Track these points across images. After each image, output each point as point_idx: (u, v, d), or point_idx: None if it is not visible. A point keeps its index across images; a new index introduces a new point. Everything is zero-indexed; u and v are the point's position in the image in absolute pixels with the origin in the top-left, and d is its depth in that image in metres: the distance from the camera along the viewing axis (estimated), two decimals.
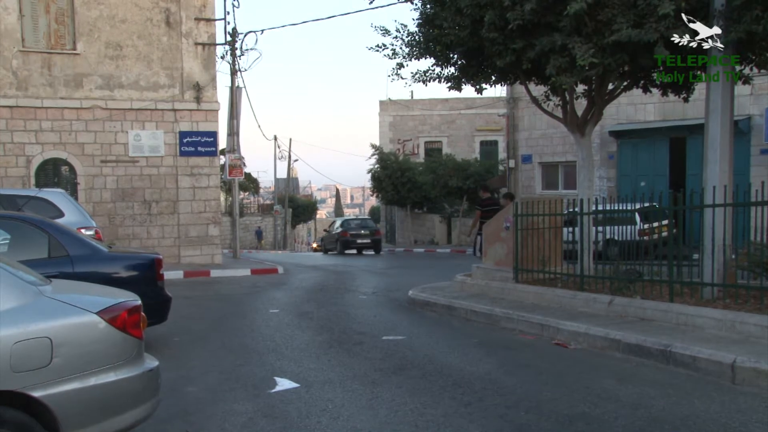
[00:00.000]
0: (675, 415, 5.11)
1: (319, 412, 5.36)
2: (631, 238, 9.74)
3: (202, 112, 19.36)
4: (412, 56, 11.08)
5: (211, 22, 19.69)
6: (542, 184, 26.35)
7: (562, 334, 8.09)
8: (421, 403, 5.51)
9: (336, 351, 7.78)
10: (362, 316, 10.63)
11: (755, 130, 19.42)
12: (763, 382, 5.77)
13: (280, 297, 13.43)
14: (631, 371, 6.56)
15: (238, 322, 10.13)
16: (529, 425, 4.96)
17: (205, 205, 19.50)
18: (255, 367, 7.03)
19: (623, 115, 22.40)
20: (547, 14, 8.72)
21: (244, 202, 51.51)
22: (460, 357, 7.34)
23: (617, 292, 8.96)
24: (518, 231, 10.53)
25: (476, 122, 40.45)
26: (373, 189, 37.44)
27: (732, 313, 7.30)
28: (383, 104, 42.03)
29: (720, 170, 8.61)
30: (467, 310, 9.96)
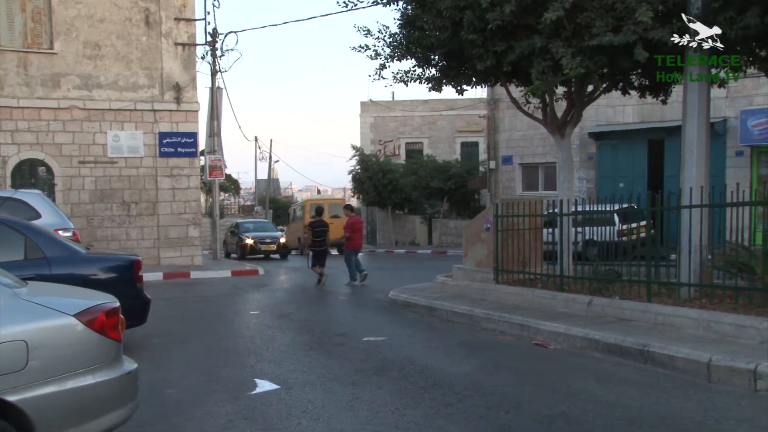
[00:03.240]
0: (653, 414, 5.16)
1: (299, 413, 5.35)
2: (610, 239, 9.83)
3: (182, 112, 19.23)
4: (394, 57, 11.09)
5: (192, 23, 19.58)
6: (522, 185, 26.48)
7: (542, 335, 8.13)
8: (402, 404, 5.51)
9: (316, 352, 7.76)
10: (343, 317, 10.62)
11: (731, 132, 19.67)
12: (737, 380, 5.85)
13: (261, 298, 13.38)
14: (611, 371, 6.61)
15: (218, 324, 10.08)
16: (510, 425, 4.98)
17: (185, 206, 19.37)
18: (235, 369, 6.99)
19: (602, 117, 22.58)
20: (527, 16, 8.76)
21: (225, 203, 51.28)
22: (441, 358, 7.36)
23: (596, 293, 9.03)
24: (498, 232, 10.58)
25: (457, 123, 40.55)
26: (354, 190, 37.40)
27: (708, 313, 7.38)
28: (364, 105, 41.98)
29: (697, 172, 8.71)
30: (448, 311, 9.98)
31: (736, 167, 19.53)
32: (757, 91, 18.99)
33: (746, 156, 19.55)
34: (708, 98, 8.89)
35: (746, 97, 19.24)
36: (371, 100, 41.38)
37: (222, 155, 22.36)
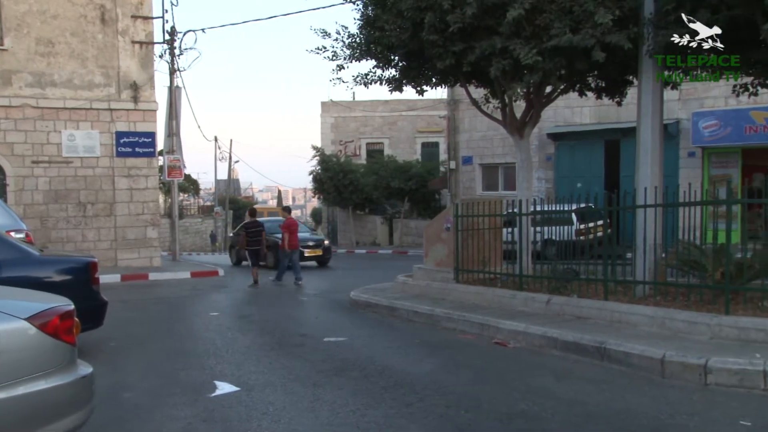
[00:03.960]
0: (609, 410, 5.26)
1: (259, 415, 5.31)
2: (568, 239, 9.98)
3: (140, 112, 18.93)
4: (353, 58, 11.07)
5: (149, 20, 19.27)
6: (483, 185, 26.70)
7: (502, 333, 8.21)
8: (363, 404, 5.52)
9: (277, 353, 7.72)
10: (304, 318, 10.58)
11: (683, 133, 20.13)
12: (689, 375, 6.00)
13: (221, 300, 13.25)
14: (569, 368, 6.71)
15: (177, 326, 9.95)
16: (470, 424, 5.02)
17: (144, 207, 19.07)
18: (194, 371, 6.91)
19: (561, 118, 22.90)
20: (487, 18, 8.85)
21: (184, 203, 50.63)
22: (402, 357, 7.38)
23: (555, 292, 9.16)
24: (459, 232, 10.66)
25: (418, 124, 40.70)
26: (314, 190, 37.26)
27: (662, 310, 7.55)
28: (325, 105, 41.87)
29: (651, 172, 8.91)
30: (409, 311, 10.02)
31: (689, 168, 20.01)
32: (707, 93, 19.48)
33: (698, 157, 20.03)
34: (661, 100, 9.10)
35: (697, 99, 19.71)
36: (332, 100, 41.30)
37: (181, 155, 22.06)
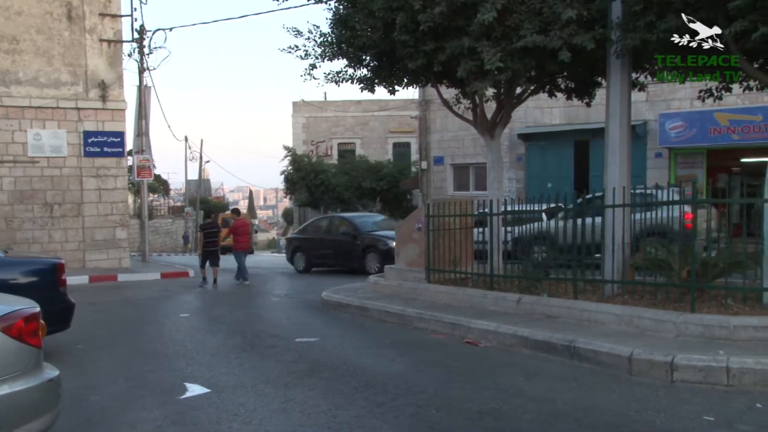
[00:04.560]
0: (578, 408, 5.32)
1: (230, 417, 5.28)
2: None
3: (108, 111, 18.67)
4: (325, 57, 11.04)
5: (117, 18, 19.03)
6: (454, 185, 26.82)
7: (473, 333, 8.26)
8: (334, 405, 5.52)
9: (248, 354, 7.68)
10: (275, 318, 10.54)
11: (651, 134, 20.44)
12: (656, 372, 6.10)
13: (191, 301, 13.14)
14: (539, 367, 6.78)
15: (147, 328, 9.84)
16: (441, 423, 5.05)
17: (112, 208, 18.82)
18: (164, 373, 6.85)
19: (531, 119, 23.09)
20: (458, 18, 8.89)
21: (154, 204, 50.09)
22: (374, 358, 7.39)
23: (525, 291, 9.23)
24: (430, 232, 10.69)
25: (389, 124, 40.76)
26: (286, 191, 37.11)
27: (630, 309, 7.67)
28: (296, 105, 41.75)
29: (619, 172, 9.02)
30: (380, 311, 10.03)
31: (656, 168, 20.33)
32: (673, 95, 19.81)
33: (665, 157, 20.36)
34: (629, 102, 9.23)
35: (664, 101, 20.03)
36: (303, 100, 41.21)
37: (151, 155, 21.84)
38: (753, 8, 6.50)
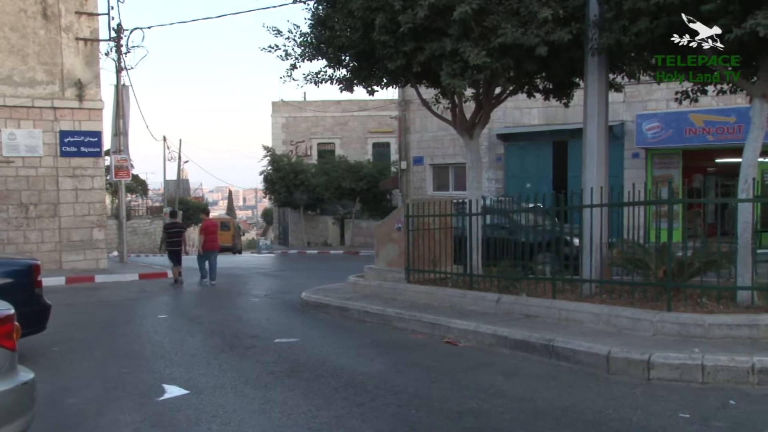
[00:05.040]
0: (557, 406, 5.36)
1: (209, 418, 5.25)
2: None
3: (85, 110, 18.45)
4: (305, 57, 11.02)
5: (94, 17, 18.82)
6: (433, 185, 26.90)
7: (453, 333, 8.29)
8: (314, 405, 5.51)
9: (227, 355, 7.64)
10: (254, 319, 10.49)
11: (628, 135, 20.65)
12: (633, 370, 6.16)
13: (170, 302, 13.05)
14: (518, 366, 6.82)
15: (124, 329, 9.76)
16: (421, 423, 5.06)
17: (89, 208, 18.61)
18: (142, 374, 6.79)
19: (510, 119, 23.22)
20: (437, 19, 8.91)
21: (132, 204, 49.59)
22: (353, 358, 7.39)
23: (504, 291, 9.28)
24: (410, 232, 10.71)
25: (369, 124, 40.78)
26: (265, 191, 36.99)
27: (608, 308, 7.74)
28: (276, 105, 41.62)
29: (597, 172, 9.11)
30: (360, 311, 10.02)
31: (633, 168, 20.54)
32: (650, 96, 20.05)
33: (642, 158, 20.58)
34: (606, 102, 9.32)
35: (641, 101, 20.26)
36: (283, 100, 41.12)
37: (128, 155, 21.64)
38: (725, 12, 6.60)
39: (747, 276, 7.42)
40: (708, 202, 15.11)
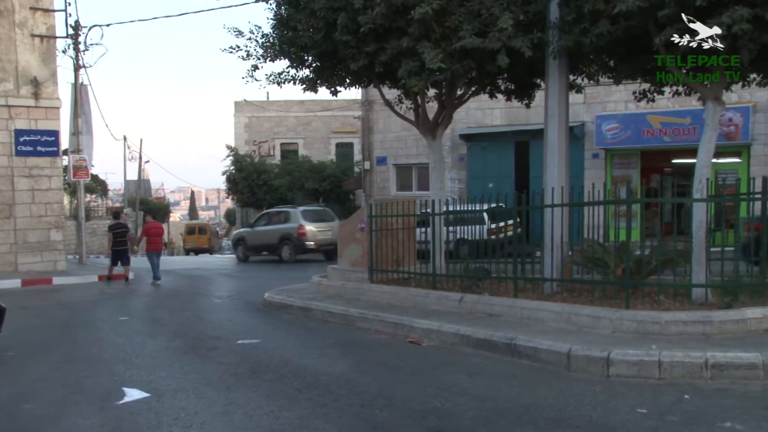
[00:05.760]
0: (518, 404, 5.43)
1: (170, 421, 5.20)
2: (480, 238, 10.22)
3: (42, 109, 18.08)
4: (267, 58, 10.95)
5: (50, 13, 18.44)
6: (397, 186, 26.96)
7: (416, 332, 8.32)
8: (277, 407, 5.49)
9: (189, 357, 7.56)
10: (217, 320, 10.40)
11: (588, 135, 20.99)
12: (593, 368, 6.27)
13: (131, 303, 12.86)
14: (480, 365, 6.88)
15: (83, 332, 9.59)
16: (384, 422, 5.08)
17: (47, 209, 18.23)
18: (102, 378, 6.69)
19: (472, 119, 23.39)
20: (398, 19, 8.94)
21: (91, 204, 48.69)
22: (317, 358, 7.37)
23: (467, 290, 9.35)
24: (373, 232, 10.73)
25: (332, 124, 40.69)
26: (228, 191, 36.63)
27: (568, 306, 7.86)
28: (238, 105, 41.29)
29: (558, 172, 9.24)
30: (323, 312, 10.01)
31: (593, 168, 20.88)
32: (609, 98, 20.40)
33: (601, 158, 20.94)
34: (567, 103, 9.46)
35: (600, 103, 20.60)
36: (245, 100, 40.81)
37: (89, 155, 21.26)
38: (680, 18, 6.76)
39: (701, 274, 7.61)
40: (665, 202, 15.44)
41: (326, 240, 22.07)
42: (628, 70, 8.83)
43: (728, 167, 18.71)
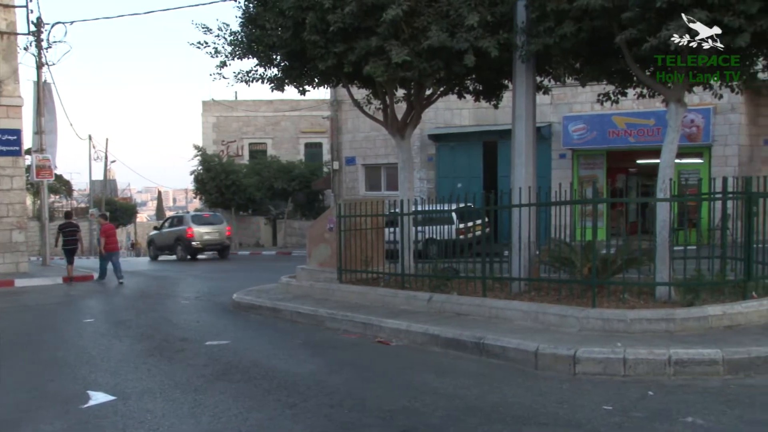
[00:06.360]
0: (487, 403, 5.47)
1: (136, 424, 5.13)
2: (449, 238, 10.27)
3: (3, 107, 17.69)
4: (235, 55, 10.87)
5: (11, 9, 18.07)
6: (366, 186, 26.98)
7: (385, 332, 8.33)
8: (246, 408, 5.45)
9: (156, 359, 7.48)
10: (185, 322, 10.30)
11: (555, 136, 21.23)
12: (560, 365, 6.34)
13: (96, 305, 12.68)
14: (449, 364, 6.91)
15: (47, 335, 9.42)
16: (353, 422, 5.08)
17: (8, 209, 17.86)
18: (66, 381, 6.58)
19: (441, 120, 23.50)
20: (367, 19, 8.95)
21: (55, 205, 47.87)
22: (285, 359, 7.35)
23: (436, 290, 9.38)
24: (342, 232, 10.71)
25: (301, 124, 40.56)
26: (196, 191, 36.28)
27: (536, 305, 7.94)
28: (206, 105, 40.93)
29: (525, 173, 9.33)
30: (292, 312, 9.97)
31: (560, 169, 21.12)
32: (575, 99, 20.65)
33: (568, 158, 21.18)
34: (534, 104, 9.55)
35: (567, 104, 20.84)
36: (213, 99, 40.48)
37: (53, 154, 20.88)
38: (642, 19, 6.88)
39: (665, 272, 7.75)
40: (630, 202, 15.67)
41: (212, 240, 26.20)
42: (593, 71, 8.95)
43: (691, 167, 19.07)
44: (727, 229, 8.35)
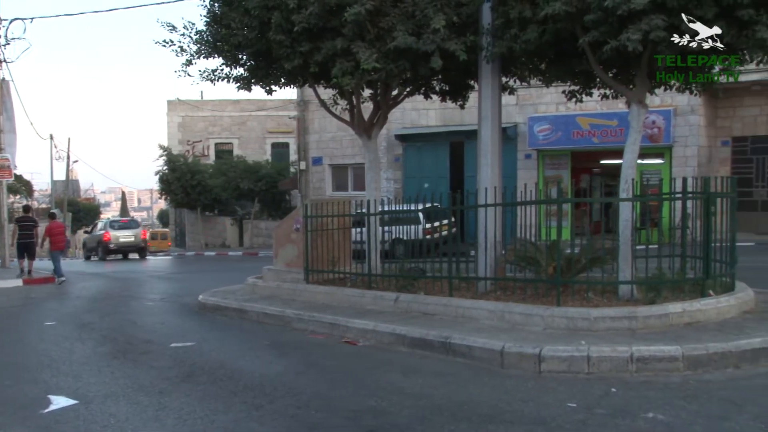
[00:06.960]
0: (453, 401, 5.50)
1: (99, 428, 5.05)
2: (415, 238, 10.30)
3: None
4: (201, 54, 10.74)
5: None
6: (332, 186, 26.94)
7: (352, 332, 8.33)
8: (211, 410, 5.41)
9: (120, 362, 7.37)
10: (149, 323, 10.17)
11: (521, 136, 21.45)
12: (525, 364, 6.41)
13: (58, 308, 12.44)
14: (416, 364, 6.93)
15: (5, 339, 9.23)
16: (320, 423, 5.07)
17: None
18: (25, 385, 6.45)
19: (408, 120, 23.57)
20: (333, 19, 8.93)
21: (15, 206, 46.89)
22: (252, 360, 7.30)
23: (403, 290, 9.41)
24: (308, 232, 10.68)
25: (268, 124, 40.36)
26: (161, 191, 35.88)
27: (502, 304, 8.01)
28: (172, 104, 40.50)
29: (491, 173, 9.40)
30: (259, 313, 9.91)
31: (526, 169, 21.34)
32: (540, 100, 20.88)
33: (534, 159, 21.42)
34: (500, 105, 9.63)
35: (533, 104, 21.07)
36: (179, 99, 40.04)
37: (12, 154, 20.45)
38: (605, 21, 6.99)
39: (628, 271, 7.87)
40: (593, 202, 15.92)
41: (127, 243, 30.09)
42: (557, 73, 9.06)
43: (652, 168, 19.43)
44: (687, 228, 8.51)
